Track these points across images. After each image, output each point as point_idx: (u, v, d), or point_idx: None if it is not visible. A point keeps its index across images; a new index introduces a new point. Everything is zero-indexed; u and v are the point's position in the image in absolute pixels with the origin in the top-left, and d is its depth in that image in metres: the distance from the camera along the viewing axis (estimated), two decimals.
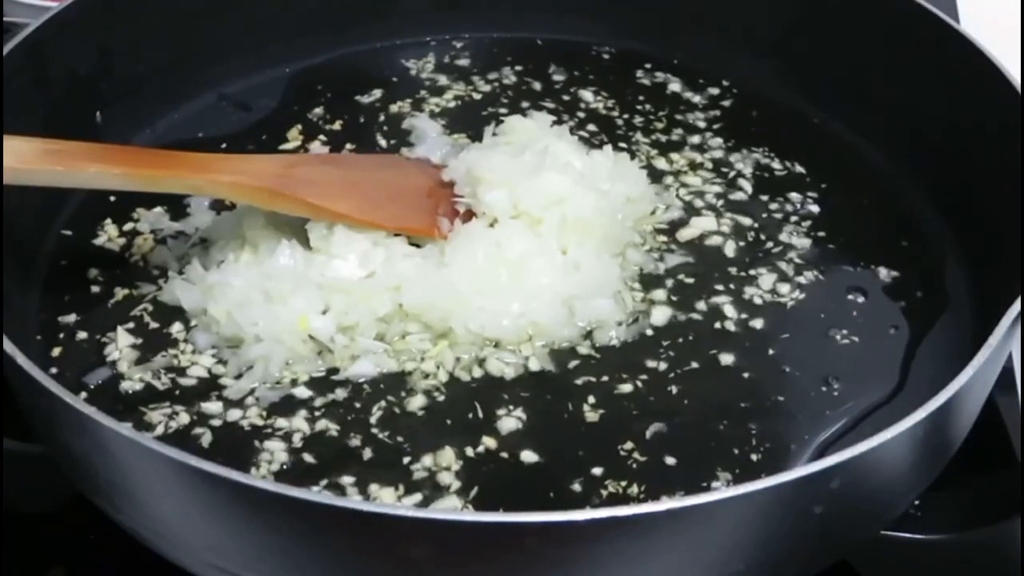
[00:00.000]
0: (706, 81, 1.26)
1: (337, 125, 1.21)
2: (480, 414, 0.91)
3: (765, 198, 1.12)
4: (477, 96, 1.25)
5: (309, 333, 0.94)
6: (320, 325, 0.94)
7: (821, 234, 1.08)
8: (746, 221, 1.09)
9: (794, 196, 1.12)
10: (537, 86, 1.26)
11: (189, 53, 1.20)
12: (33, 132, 1.03)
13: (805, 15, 1.21)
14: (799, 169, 1.16)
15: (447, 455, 0.88)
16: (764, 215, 1.10)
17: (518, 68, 1.29)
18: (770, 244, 1.07)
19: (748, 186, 1.13)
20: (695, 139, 1.19)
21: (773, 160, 1.17)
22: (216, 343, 0.96)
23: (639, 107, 1.23)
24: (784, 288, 1.03)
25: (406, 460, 0.88)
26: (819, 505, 0.74)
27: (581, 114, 1.23)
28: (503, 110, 1.23)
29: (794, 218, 1.10)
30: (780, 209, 1.11)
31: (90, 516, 0.85)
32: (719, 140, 1.19)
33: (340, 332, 0.95)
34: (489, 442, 0.89)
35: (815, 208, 1.11)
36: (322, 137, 1.19)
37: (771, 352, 0.97)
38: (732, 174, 1.14)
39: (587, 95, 1.25)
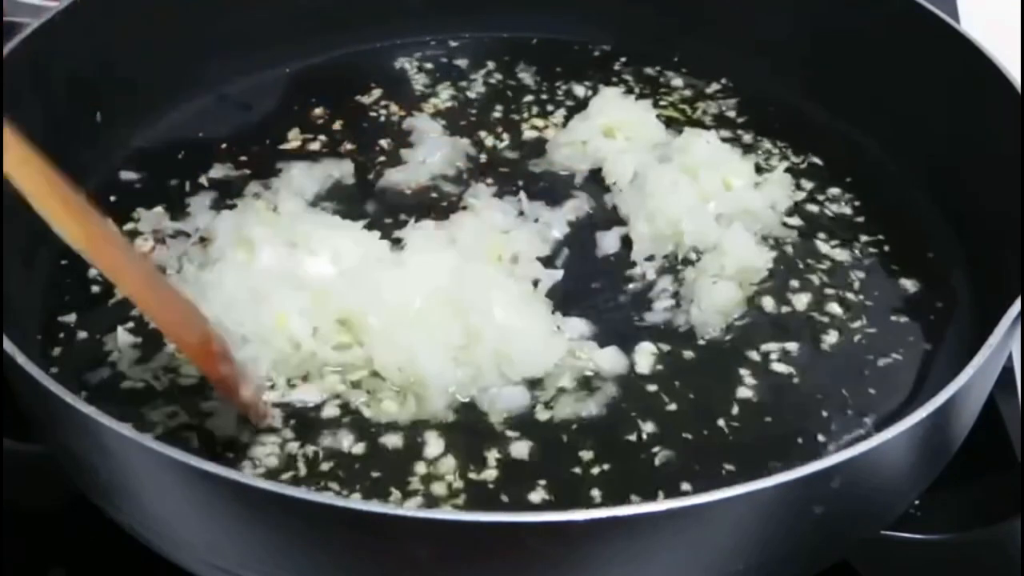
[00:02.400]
0: (707, 80, 1.27)
1: (337, 125, 1.21)
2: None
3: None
4: (476, 95, 1.25)
5: (288, 333, 0.93)
6: (298, 325, 0.93)
7: (824, 234, 1.08)
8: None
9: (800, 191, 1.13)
10: (533, 84, 1.27)
11: (189, 53, 1.20)
12: (33, 132, 1.03)
13: (805, 15, 1.21)
14: (804, 167, 1.16)
15: (448, 462, 0.87)
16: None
17: (517, 67, 1.29)
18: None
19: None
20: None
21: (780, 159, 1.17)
22: None
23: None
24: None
25: (404, 462, 0.88)
26: (819, 505, 0.74)
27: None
28: (502, 108, 1.23)
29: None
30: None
31: (90, 516, 0.85)
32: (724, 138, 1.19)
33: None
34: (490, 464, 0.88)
35: (818, 211, 1.11)
36: (322, 137, 1.19)
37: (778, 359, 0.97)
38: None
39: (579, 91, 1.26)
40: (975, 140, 1.06)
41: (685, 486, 0.86)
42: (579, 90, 1.26)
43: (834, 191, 1.13)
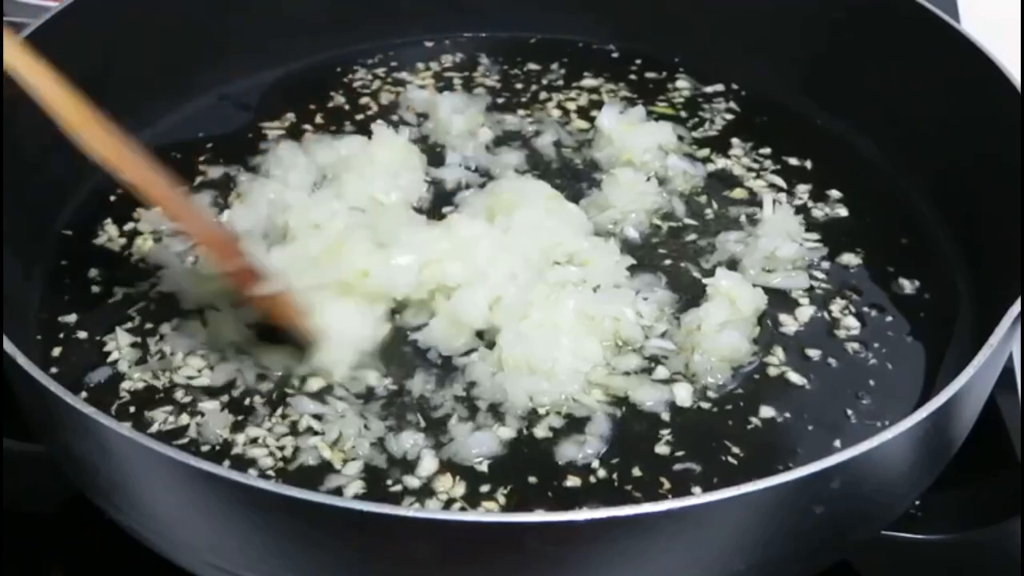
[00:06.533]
0: (707, 81, 1.27)
1: (337, 125, 1.20)
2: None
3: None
4: (478, 93, 1.25)
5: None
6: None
7: (824, 235, 1.08)
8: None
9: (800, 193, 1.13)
10: (533, 83, 1.27)
11: (189, 53, 1.20)
12: (33, 132, 1.03)
13: (805, 16, 1.21)
14: (804, 168, 1.16)
15: (446, 480, 0.87)
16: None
17: (517, 66, 1.29)
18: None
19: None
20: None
21: (780, 160, 1.17)
22: (194, 346, 0.96)
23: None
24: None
25: (400, 471, 0.88)
26: (819, 505, 0.74)
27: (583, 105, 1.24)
28: (502, 105, 1.23)
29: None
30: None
31: (90, 516, 0.85)
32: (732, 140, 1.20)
33: None
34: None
35: (819, 212, 1.11)
36: (323, 136, 1.19)
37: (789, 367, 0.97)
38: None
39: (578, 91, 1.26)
40: (975, 140, 1.05)
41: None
42: (577, 91, 1.26)
43: (834, 192, 1.13)
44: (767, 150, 1.18)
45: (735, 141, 1.19)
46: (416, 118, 1.21)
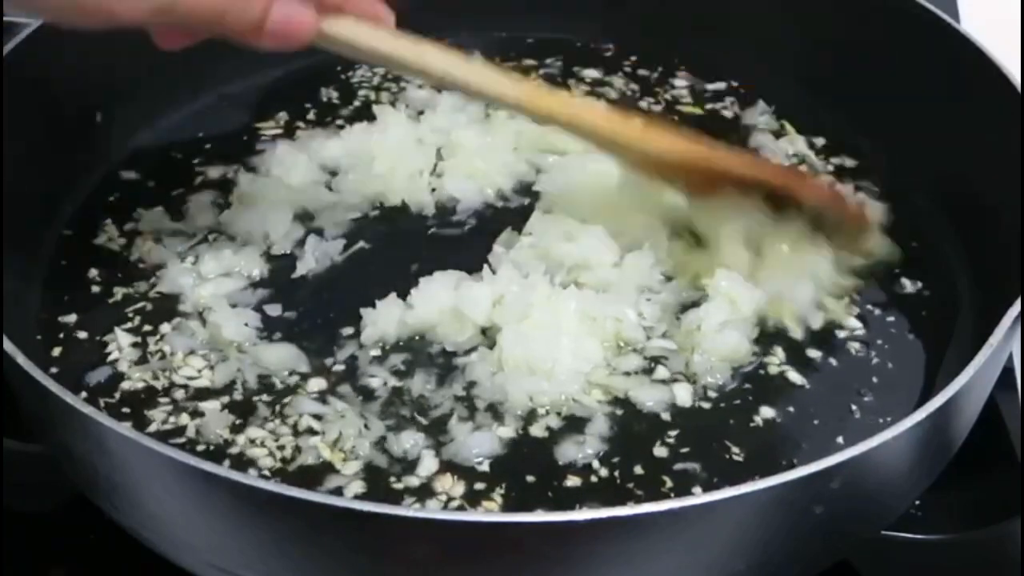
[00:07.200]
0: (707, 80, 1.26)
1: (338, 124, 1.20)
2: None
3: None
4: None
5: None
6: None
7: None
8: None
9: None
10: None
11: (189, 53, 1.19)
12: (33, 132, 1.04)
13: (805, 15, 1.21)
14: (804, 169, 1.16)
15: (446, 480, 0.87)
16: None
17: (516, 66, 1.29)
18: None
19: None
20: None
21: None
22: (194, 346, 0.96)
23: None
24: None
25: (400, 471, 0.87)
26: (820, 505, 0.74)
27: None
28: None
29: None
30: None
31: (90, 516, 0.85)
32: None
33: None
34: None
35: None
36: (324, 136, 1.19)
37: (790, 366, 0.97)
38: None
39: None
40: (975, 140, 1.05)
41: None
42: (576, 90, 1.26)
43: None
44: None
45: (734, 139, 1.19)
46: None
